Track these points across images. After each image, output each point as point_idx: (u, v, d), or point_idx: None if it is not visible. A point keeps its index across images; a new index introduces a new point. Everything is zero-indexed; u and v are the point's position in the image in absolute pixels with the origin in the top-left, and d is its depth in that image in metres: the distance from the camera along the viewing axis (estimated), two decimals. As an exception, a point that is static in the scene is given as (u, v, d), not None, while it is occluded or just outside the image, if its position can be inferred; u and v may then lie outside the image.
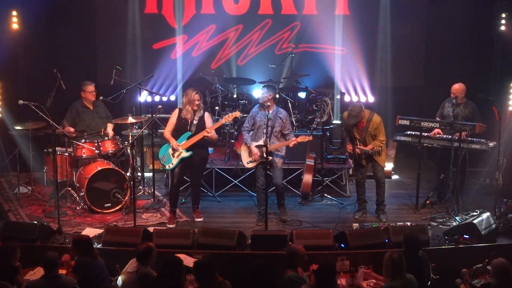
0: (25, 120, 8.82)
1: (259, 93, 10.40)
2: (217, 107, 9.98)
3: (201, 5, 10.95)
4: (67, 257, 6.28)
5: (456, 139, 8.30)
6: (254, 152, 8.03)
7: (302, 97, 10.15)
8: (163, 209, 8.62)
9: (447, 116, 8.63)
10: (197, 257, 6.58)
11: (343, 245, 7.11)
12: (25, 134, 8.93)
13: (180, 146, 8.07)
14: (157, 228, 7.60)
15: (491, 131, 8.63)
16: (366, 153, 8.20)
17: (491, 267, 5.71)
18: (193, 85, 10.66)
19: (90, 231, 7.66)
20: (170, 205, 8.36)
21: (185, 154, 8.08)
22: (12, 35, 10.24)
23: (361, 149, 8.19)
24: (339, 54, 10.94)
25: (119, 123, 9.15)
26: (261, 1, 10.91)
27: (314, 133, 9.36)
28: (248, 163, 8.19)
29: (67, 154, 8.68)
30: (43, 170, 8.99)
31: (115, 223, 8.10)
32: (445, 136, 8.59)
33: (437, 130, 8.63)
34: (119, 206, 8.57)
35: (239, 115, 8.42)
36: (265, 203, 7.78)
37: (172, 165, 8.14)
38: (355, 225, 7.92)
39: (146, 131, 9.32)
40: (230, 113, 8.27)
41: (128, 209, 8.47)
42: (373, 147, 8.14)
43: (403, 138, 8.90)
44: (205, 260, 5.93)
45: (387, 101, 10.76)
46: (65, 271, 6.15)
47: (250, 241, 7.20)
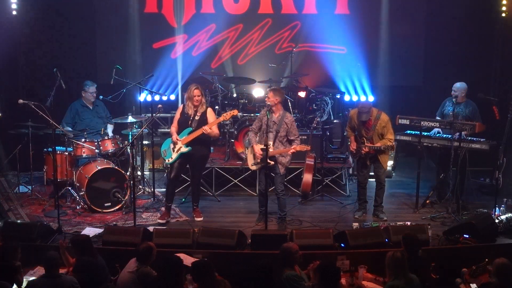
0: (25, 119, 8.82)
1: (261, 93, 10.47)
2: (217, 107, 9.97)
3: (201, 4, 10.95)
4: (65, 243, 6.29)
5: (456, 139, 8.30)
6: (256, 151, 7.91)
7: (301, 96, 10.15)
8: (163, 209, 8.61)
9: (447, 115, 8.63)
10: (197, 257, 6.59)
11: (343, 245, 7.12)
12: (25, 133, 8.92)
13: (180, 140, 8.08)
14: (157, 227, 7.60)
15: (491, 131, 8.64)
16: (377, 149, 8.10)
17: (493, 266, 5.69)
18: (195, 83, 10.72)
19: (90, 231, 7.66)
20: (165, 200, 8.37)
21: (184, 149, 8.09)
22: (12, 35, 10.24)
23: (370, 146, 8.08)
24: (339, 53, 10.95)
25: (119, 122, 9.15)
26: (261, 1, 10.93)
27: (314, 132, 9.36)
28: (252, 165, 8.11)
29: (67, 153, 8.68)
30: (43, 169, 8.99)
31: (115, 223, 8.10)
32: (445, 135, 8.60)
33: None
34: (119, 205, 8.57)
35: (237, 113, 8.42)
36: (265, 205, 7.73)
37: (171, 159, 8.17)
38: (355, 225, 7.91)
39: (146, 130, 9.33)
40: (228, 111, 8.26)
41: (128, 209, 8.47)
42: (381, 145, 8.08)
43: (403, 137, 8.90)
44: (202, 260, 5.93)
45: (387, 100, 10.75)
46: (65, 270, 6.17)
47: (250, 241, 7.20)
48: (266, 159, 7.65)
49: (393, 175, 10.23)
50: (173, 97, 11.06)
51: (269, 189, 8.05)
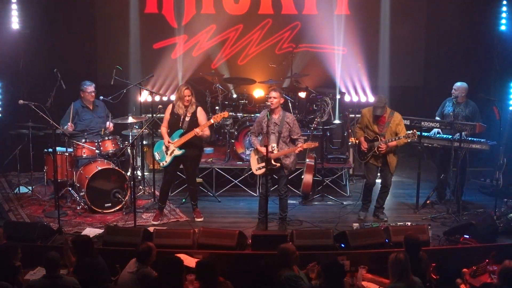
0: (25, 120, 8.82)
1: (261, 93, 10.47)
2: (217, 107, 9.98)
3: (201, 5, 10.94)
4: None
5: (456, 139, 8.29)
6: (264, 152, 7.68)
7: (302, 97, 10.14)
8: (164, 209, 8.61)
9: (447, 115, 8.63)
10: (197, 257, 6.59)
11: (343, 245, 7.12)
12: (25, 134, 8.93)
13: (172, 143, 8.08)
14: (157, 228, 7.61)
15: (491, 131, 8.64)
16: (391, 147, 8.03)
17: (500, 268, 5.62)
18: (193, 84, 10.71)
19: (90, 231, 7.67)
20: (159, 201, 8.39)
21: (177, 152, 8.09)
22: (12, 35, 10.25)
23: (387, 140, 7.97)
24: (339, 54, 10.93)
25: (119, 123, 9.15)
26: (261, 1, 10.91)
27: (314, 133, 9.35)
28: (256, 169, 8.01)
29: (67, 154, 8.68)
30: (43, 170, 8.99)
31: (115, 223, 8.10)
32: (445, 135, 8.59)
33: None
34: (119, 206, 8.57)
35: (227, 115, 8.40)
36: (266, 208, 7.67)
37: (166, 162, 8.19)
38: (355, 225, 7.91)
39: (146, 131, 9.33)
40: (218, 113, 8.22)
41: (128, 209, 8.47)
42: (397, 144, 8.03)
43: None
44: (207, 260, 5.93)
45: (387, 101, 10.72)
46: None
47: (250, 241, 7.20)
48: (267, 162, 7.59)
49: (393, 175, 10.21)
50: (173, 98, 11.02)
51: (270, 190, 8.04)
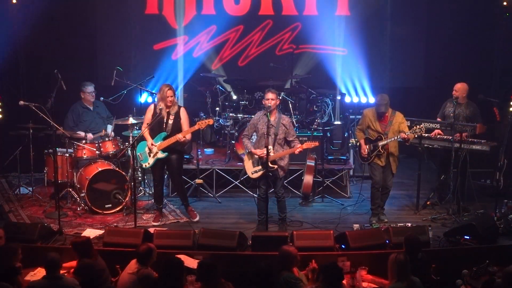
0: (26, 121, 8.82)
1: (261, 95, 10.45)
2: (217, 108, 9.99)
3: (202, 5, 10.94)
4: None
5: (457, 140, 8.29)
6: (260, 154, 7.71)
7: (302, 98, 10.14)
8: (164, 210, 8.62)
9: (448, 116, 8.63)
10: (197, 258, 6.58)
11: (343, 246, 7.11)
12: (26, 134, 8.93)
13: (155, 146, 8.07)
14: (157, 229, 7.61)
15: (491, 132, 8.64)
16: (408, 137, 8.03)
17: (505, 272, 5.60)
18: (193, 85, 10.73)
19: (90, 232, 7.67)
20: (155, 202, 8.44)
21: (160, 155, 8.09)
22: (13, 35, 10.25)
23: (407, 136, 7.95)
24: (339, 54, 10.94)
25: (120, 124, 9.15)
26: (261, 2, 10.90)
27: (314, 133, 9.35)
28: (252, 173, 7.95)
29: (67, 155, 8.69)
30: (43, 171, 8.99)
31: (115, 224, 8.11)
32: (445, 137, 8.59)
33: (438, 131, 8.60)
34: (120, 207, 8.58)
35: (212, 122, 8.45)
36: (265, 210, 7.67)
37: (148, 164, 8.20)
38: (355, 226, 7.91)
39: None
40: (204, 120, 8.17)
41: (128, 210, 8.47)
42: (408, 137, 8.01)
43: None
44: (209, 260, 5.93)
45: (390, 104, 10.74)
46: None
47: (250, 242, 7.20)
48: (267, 164, 7.59)
49: (393, 176, 10.21)
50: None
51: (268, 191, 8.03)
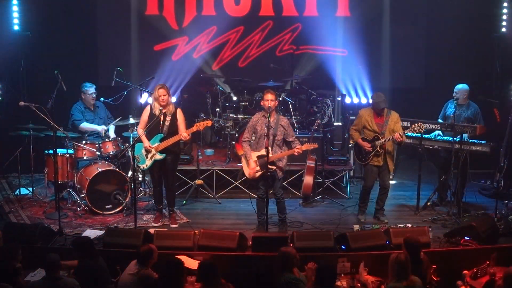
0: (26, 121, 8.82)
1: (261, 96, 10.44)
2: (218, 109, 9.99)
3: (202, 6, 10.95)
4: None
5: (457, 141, 8.29)
6: (252, 167, 7.75)
7: (303, 98, 10.14)
8: (164, 211, 8.61)
9: (449, 117, 8.63)
10: (198, 259, 6.58)
11: (343, 247, 7.11)
12: (26, 135, 8.93)
13: (153, 148, 8.06)
14: (158, 229, 7.61)
15: (492, 133, 8.63)
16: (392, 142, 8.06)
17: (505, 273, 5.60)
18: (193, 86, 10.73)
19: (91, 233, 7.67)
20: (155, 203, 8.46)
21: (158, 156, 8.07)
22: (13, 36, 10.26)
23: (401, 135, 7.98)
24: (340, 55, 10.94)
25: (120, 124, 9.15)
26: (262, 3, 10.91)
27: (315, 134, 9.35)
28: (250, 174, 7.93)
29: (68, 155, 8.69)
30: (44, 171, 8.99)
31: (115, 225, 8.10)
32: (445, 137, 8.59)
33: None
34: (120, 207, 8.58)
35: (211, 124, 8.39)
36: (266, 210, 7.65)
37: (146, 166, 8.19)
38: (356, 227, 7.90)
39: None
40: (202, 121, 8.14)
41: (128, 211, 8.48)
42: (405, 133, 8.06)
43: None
44: (210, 261, 5.93)
45: (388, 102, 10.73)
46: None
47: (251, 243, 7.19)
48: (267, 165, 7.58)
49: (393, 177, 10.22)
50: (174, 100, 11.04)
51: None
